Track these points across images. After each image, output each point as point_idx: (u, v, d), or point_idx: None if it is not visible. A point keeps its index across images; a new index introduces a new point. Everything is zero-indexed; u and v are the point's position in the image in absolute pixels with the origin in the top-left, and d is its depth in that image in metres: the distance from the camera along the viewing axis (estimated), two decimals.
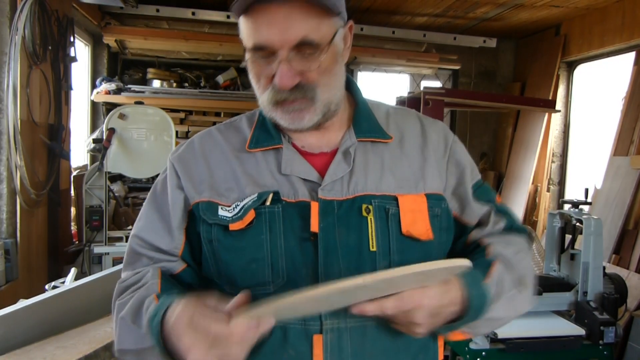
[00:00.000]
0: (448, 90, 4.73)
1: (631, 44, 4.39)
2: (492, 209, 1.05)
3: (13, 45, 2.96)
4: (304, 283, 0.90)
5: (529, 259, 1.04)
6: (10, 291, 2.98)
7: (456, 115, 6.14)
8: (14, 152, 3.00)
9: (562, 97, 5.32)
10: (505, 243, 1.01)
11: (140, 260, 1.01)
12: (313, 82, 0.90)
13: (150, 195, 1.06)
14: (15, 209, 3.14)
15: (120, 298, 0.95)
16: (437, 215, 0.98)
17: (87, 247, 3.95)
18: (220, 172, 0.99)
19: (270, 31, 0.86)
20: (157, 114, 4.00)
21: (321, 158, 0.99)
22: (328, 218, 0.92)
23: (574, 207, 2.92)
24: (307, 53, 0.88)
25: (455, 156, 1.05)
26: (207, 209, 0.96)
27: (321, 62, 0.89)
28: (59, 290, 1.96)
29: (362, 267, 0.91)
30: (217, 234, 0.95)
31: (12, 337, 1.64)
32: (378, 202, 0.94)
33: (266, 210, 0.93)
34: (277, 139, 0.99)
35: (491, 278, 0.92)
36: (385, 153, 1.00)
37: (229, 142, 1.02)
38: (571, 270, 2.82)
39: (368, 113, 1.04)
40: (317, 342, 0.89)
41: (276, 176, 0.96)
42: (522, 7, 4.69)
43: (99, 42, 5.02)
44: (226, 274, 0.95)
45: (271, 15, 0.86)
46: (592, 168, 4.87)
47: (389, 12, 5.03)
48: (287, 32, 0.86)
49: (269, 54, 0.88)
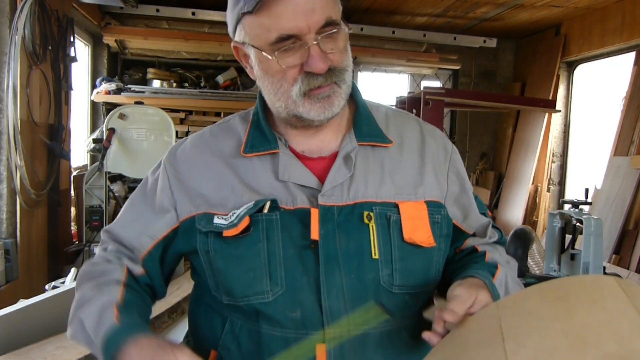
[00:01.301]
0: (448, 90, 4.73)
1: (631, 44, 4.39)
2: (490, 222, 1.06)
3: (13, 45, 2.96)
4: (304, 291, 0.89)
5: (515, 269, 1.07)
6: (10, 291, 2.98)
7: (456, 115, 6.14)
8: (14, 152, 3.00)
9: (562, 97, 5.32)
10: (500, 252, 1.04)
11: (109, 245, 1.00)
12: (340, 63, 0.89)
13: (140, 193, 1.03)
14: (15, 209, 3.14)
15: (84, 286, 0.94)
16: (437, 222, 0.96)
17: (87, 247, 3.95)
18: (215, 181, 0.96)
19: (295, 17, 0.83)
20: (157, 114, 4.00)
21: (320, 163, 0.96)
22: (328, 225, 0.90)
23: (574, 207, 2.92)
24: (332, 32, 0.87)
25: (455, 165, 1.04)
26: (202, 218, 0.94)
27: (345, 38, 0.89)
28: (59, 290, 1.97)
29: (363, 275, 0.90)
30: (213, 243, 0.92)
31: (12, 337, 1.64)
32: (379, 209, 0.92)
33: (263, 217, 0.91)
34: (274, 142, 0.95)
35: (497, 279, 0.93)
36: (386, 158, 0.97)
37: (223, 148, 0.99)
38: (571, 270, 2.82)
39: (368, 116, 1.01)
40: (321, 351, 0.88)
41: (273, 183, 0.93)
42: (522, 7, 4.69)
43: (99, 42, 5.02)
44: (224, 284, 0.93)
45: (293, 2, 0.83)
46: (592, 168, 4.87)
47: (389, 12, 5.03)
48: (313, 14, 0.83)
49: (294, 42, 0.85)
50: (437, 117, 3.85)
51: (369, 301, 0.90)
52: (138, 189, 1.04)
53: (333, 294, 0.88)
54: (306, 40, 0.85)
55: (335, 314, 0.88)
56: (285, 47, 0.86)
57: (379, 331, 0.90)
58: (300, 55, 0.86)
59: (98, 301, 0.89)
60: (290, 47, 0.86)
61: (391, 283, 0.91)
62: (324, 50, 0.86)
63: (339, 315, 0.88)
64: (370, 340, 0.90)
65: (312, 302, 0.88)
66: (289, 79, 0.88)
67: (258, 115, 0.99)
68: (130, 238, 0.99)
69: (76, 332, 0.90)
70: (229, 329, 0.94)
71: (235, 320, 0.94)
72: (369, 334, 0.90)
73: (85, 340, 0.89)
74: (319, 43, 0.85)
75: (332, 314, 0.88)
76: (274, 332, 0.90)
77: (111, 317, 0.85)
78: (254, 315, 0.91)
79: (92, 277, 0.95)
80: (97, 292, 0.91)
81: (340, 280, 0.89)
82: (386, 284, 0.91)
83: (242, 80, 5.27)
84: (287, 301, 0.89)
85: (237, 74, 5.28)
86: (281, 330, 0.89)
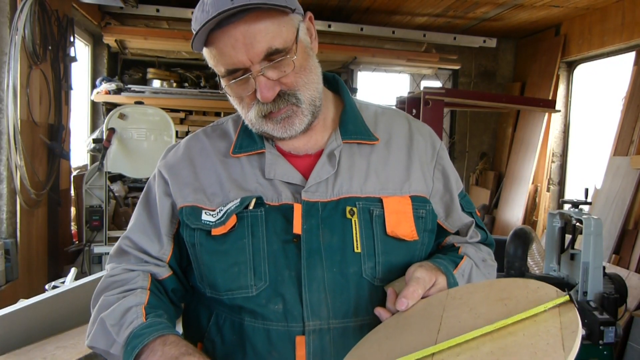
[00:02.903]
0: (448, 90, 4.73)
1: (631, 44, 4.39)
2: (473, 222, 1.08)
3: (13, 45, 2.96)
4: (285, 285, 0.91)
5: (493, 270, 1.09)
6: (10, 291, 2.98)
7: (456, 115, 6.14)
8: (14, 152, 3.00)
9: (562, 97, 5.33)
10: (476, 249, 1.06)
11: (128, 258, 1.02)
12: (292, 86, 0.91)
13: (143, 197, 1.07)
14: (15, 209, 3.14)
15: (107, 294, 0.95)
16: (421, 217, 0.99)
17: (87, 247, 3.95)
18: (205, 177, 0.99)
19: (236, 52, 0.87)
20: (157, 114, 4.00)
21: (305, 160, 0.99)
22: (312, 220, 0.92)
23: (574, 207, 2.92)
24: (277, 60, 0.88)
25: (441, 162, 1.06)
26: (191, 213, 0.96)
27: (294, 63, 0.90)
28: (59, 290, 1.96)
29: (346, 268, 0.92)
30: (199, 238, 0.95)
31: (12, 337, 1.64)
32: (362, 204, 0.95)
33: (248, 214, 0.93)
34: (260, 143, 0.99)
35: (459, 269, 0.96)
36: (372, 155, 1.00)
37: (215, 147, 1.03)
38: (571, 270, 2.82)
39: (355, 114, 1.04)
40: (300, 343, 0.90)
41: (260, 181, 0.96)
42: (522, 7, 4.69)
43: (99, 42, 5.02)
44: (208, 277, 0.95)
45: (232, 37, 0.86)
46: (592, 168, 4.87)
47: (389, 12, 5.03)
48: (252, 47, 0.86)
49: (243, 73, 0.89)
50: (437, 117, 3.85)
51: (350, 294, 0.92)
52: (142, 194, 1.08)
53: (314, 287, 0.90)
54: (251, 71, 0.88)
55: (316, 307, 0.90)
56: (235, 78, 0.90)
57: (359, 324, 0.92)
58: (250, 85, 0.90)
59: (122, 304, 0.91)
60: (238, 78, 0.90)
61: (374, 276, 0.93)
62: (271, 79, 0.89)
63: (320, 308, 0.90)
64: (350, 333, 0.92)
65: (293, 296, 0.91)
66: (246, 105, 0.94)
67: None
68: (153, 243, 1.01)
69: (95, 335, 0.91)
70: (214, 322, 0.97)
71: (220, 312, 0.96)
72: (348, 326, 0.92)
73: (105, 341, 0.89)
74: (263, 73, 0.88)
75: (312, 306, 0.90)
76: (256, 325, 0.92)
77: (139, 317, 0.88)
78: (237, 308, 0.93)
79: (115, 286, 0.97)
80: (121, 297, 0.93)
81: (322, 274, 0.91)
82: (369, 277, 0.93)
83: None
84: (270, 295, 0.91)
85: None
86: (263, 323, 0.91)
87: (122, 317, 0.89)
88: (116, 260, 1.03)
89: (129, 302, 0.91)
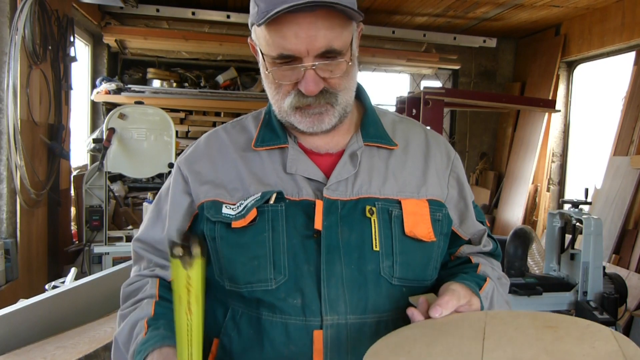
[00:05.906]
0: (448, 90, 4.73)
1: (631, 44, 4.39)
2: (486, 231, 1.10)
3: (13, 45, 2.97)
4: (305, 279, 0.92)
5: (507, 288, 1.12)
6: (10, 291, 2.98)
7: (456, 115, 6.14)
8: (14, 152, 3.00)
9: (562, 97, 5.33)
10: (492, 267, 1.08)
11: (141, 262, 1.07)
12: (336, 87, 0.93)
13: (157, 199, 1.09)
14: (15, 209, 3.15)
15: (122, 308, 1.01)
16: (438, 219, 1.00)
17: (87, 247, 3.95)
18: (225, 171, 1.01)
19: (297, 40, 0.88)
20: (157, 114, 4.01)
21: (326, 159, 1.01)
22: (331, 217, 0.94)
23: (574, 207, 2.93)
24: (331, 60, 0.90)
25: (456, 171, 1.09)
26: (211, 207, 0.98)
27: (344, 67, 0.92)
28: (59, 290, 1.97)
29: (364, 266, 0.93)
30: (220, 231, 0.97)
31: (12, 337, 1.64)
32: (381, 205, 0.96)
33: (269, 208, 0.95)
34: (283, 138, 1.01)
35: (483, 291, 0.97)
36: (390, 159, 1.02)
37: (234, 141, 1.04)
38: (571, 270, 2.82)
39: (375, 119, 1.06)
40: (318, 337, 0.91)
41: (281, 175, 0.98)
42: (522, 7, 4.69)
43: (99, 42, 5.02)
44: (228, 271, 0.97)
45: (298, 25, 0.87)
46: (592, 168, 4.87)
47: (389, 12, 5.03)
48: (314, 41, 0.87)
49: (292, 61, 0.90)
50: (437, 117, 3.85)
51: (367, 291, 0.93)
52: (157, 195, 1.10)
53: (332, 283, 0.92)
54: (304, 63, 0.89)
55: (334, 302, 0.91)
56: (284, 63, 0.91)
57: (376, 320, 0.93)
58: (296, 74, 0.91)
59: (130, 320, 0.96)
60: (286, 64, 0.91)
61: (391, 274, 0.95)
62: (320, 75, 0.90)
63: (337, 304, 0.92)
64: (366, 328, 0.93)
65: (312, 290, 0.92)
66: (283, 91, 0.95)
67: (270, 114, 1.04)
68: (161, 238, 1.04)
69: (114, 353, 0.98)
70: (231, 317, 0.98)
71: (236, 307, 0.98)
72: (365, 322, 0.93)
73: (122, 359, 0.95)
74: (315, 68, 0.89)
75: (330, 302, 0.91)
76: (274, 319, 0.93)
77: (141, 332, 0.92)
78: (255, 302, 0.95)
79: (129, 297, 1.03)
80: (131, 311, 0.99)
81: (340, 270, 0.92)
82: (386, 275, 0.94)
83: (242, 80, 5.27)
84: (289, 289, 0.93)
85: (237, 73, 5.28)
86: (281, 317, 0.93)
87: (129, 334, 0.94)
88: (135, 265, 1.08)
89: (136, 316, 0.96)
